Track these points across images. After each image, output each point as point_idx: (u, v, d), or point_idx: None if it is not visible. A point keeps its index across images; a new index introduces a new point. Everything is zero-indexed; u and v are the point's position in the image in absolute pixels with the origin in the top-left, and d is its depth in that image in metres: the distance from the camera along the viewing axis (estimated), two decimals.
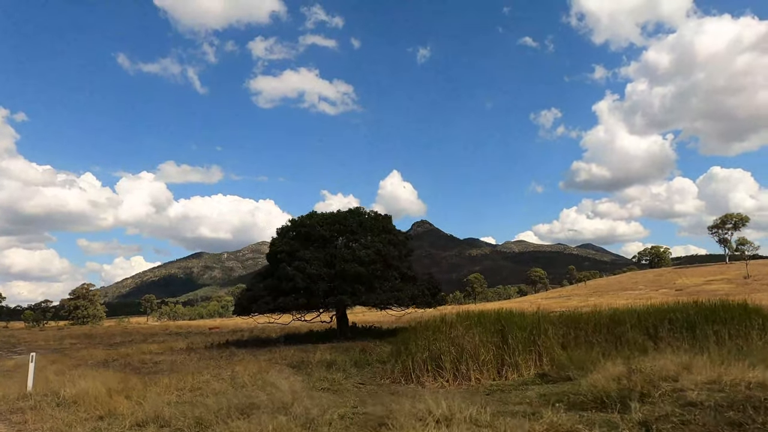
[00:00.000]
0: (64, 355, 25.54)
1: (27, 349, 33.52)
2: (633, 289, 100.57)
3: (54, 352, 28.28)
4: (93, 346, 33.21)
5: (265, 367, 14.58)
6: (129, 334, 46.21)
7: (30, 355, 13.05)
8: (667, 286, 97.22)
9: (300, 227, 26.81)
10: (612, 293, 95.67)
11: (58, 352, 28.33)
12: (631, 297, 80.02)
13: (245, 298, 27.09)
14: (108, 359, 21.70)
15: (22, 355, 28.82)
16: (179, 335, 42.65)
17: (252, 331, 39.24)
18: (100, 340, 38.78)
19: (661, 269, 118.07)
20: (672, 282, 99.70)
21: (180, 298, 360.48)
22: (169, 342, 32.07)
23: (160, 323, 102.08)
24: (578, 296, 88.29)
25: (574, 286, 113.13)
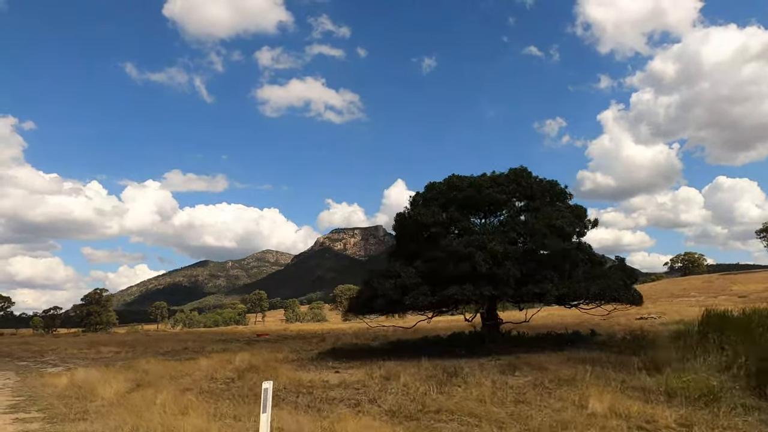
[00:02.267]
0: (128, 367, 17.50)
1: (59, 359, 25.45)
2: (685, 296, 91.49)
3: (105, 364, 20.27)
4: (143, 355, 25.19)
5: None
6: (173, 341, 38.05)
7: (263, 387, 5.09)
8: (724, 293, 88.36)
9: (452, 190, 18.86)
10: (664, 300, 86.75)
11: (109, 364, 20.33)
12: (691, 303, 70.93)
13: (372, 291, 19.08)
14: (216, 378, 13.67)
15: (60, 367, 20.87)
16: (228, 342, 34.66)
17: (356, 336, 30.96)
18: (146, 348, 30.67)
19: (707, 275, 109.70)
20: (727, 288, 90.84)
21: (185, 306, 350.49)
22: (245, 351, 24.05)
23: (181, 330, 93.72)
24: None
25: None
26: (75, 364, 21.70)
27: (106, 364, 20.26)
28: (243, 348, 26.15)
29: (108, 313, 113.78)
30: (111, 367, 18.17)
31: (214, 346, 29.74)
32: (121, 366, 18.46)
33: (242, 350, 24.52)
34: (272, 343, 31.46)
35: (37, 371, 19.36)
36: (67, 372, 16.33)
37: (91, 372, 14.41)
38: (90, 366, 19.40)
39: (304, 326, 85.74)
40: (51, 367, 21.22)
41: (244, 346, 28.79)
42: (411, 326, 22.33)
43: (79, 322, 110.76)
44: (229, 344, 31.71)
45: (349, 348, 23.95)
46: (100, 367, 17.92)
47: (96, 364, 20.50)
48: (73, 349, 31.45)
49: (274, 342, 32.85)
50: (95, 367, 18.43)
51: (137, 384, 11.95)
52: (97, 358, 25.23)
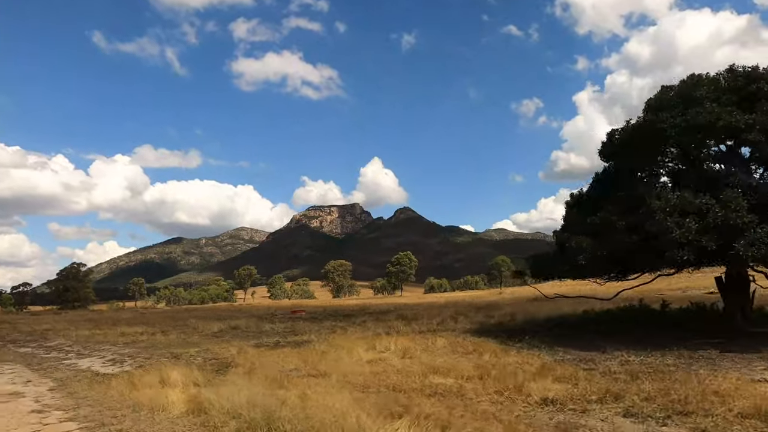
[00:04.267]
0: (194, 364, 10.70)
1: (77, 345, 18.26)
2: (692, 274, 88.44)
3: (174, 355, 13.38)
4: (204, 339, 18.34)
5: None
6: (196, 319, 30.84)
7: None
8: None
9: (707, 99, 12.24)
10: (673, 278, 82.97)
11: (178, 356, 13.44)
12: (695, 280, 66.80)
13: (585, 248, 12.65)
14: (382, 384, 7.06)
15: (96, 358, 13.85)
16: (279, 320, 27.85)
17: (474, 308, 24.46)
18: (180, 328, 23.62)
19: None
20: None
21: (158, 283, 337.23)
22: (367, 332, 17.64)
23: (174, 307, 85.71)
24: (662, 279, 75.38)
25: None
26: (115, 354, 14.66)
27: (175, 356, 13.30)
28: (344, 328, 19.50)
29: (86, 289, 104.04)
30: (160, 358, 11.37)
31: (282, 326, 22.95)
32: (174, 357, 11.63)
33: (356, 331, 18.00)
34: (330, 319, 24.87)
35: (67, 368, 12.31)
36: (143, 374, 9.45)
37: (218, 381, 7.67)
38: (160, 360, 12.48)
39: (333, 302, 78.60)
40: (79, 358, 14.12)
41: (339, 326, 22.20)
42: (611, 296, 16.18)
43: (56, 298, 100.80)
44: (293, 323, 24.95)
45: (526, 326, 17.67)
46: (186, 365, 11.08)
47: (157, 356, 13.54)
48: (82, 330, 24.04)
49: (341, 319, 26.27)
50: (173, 363, 11.56)
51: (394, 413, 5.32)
52: (131, 342, 18.11)
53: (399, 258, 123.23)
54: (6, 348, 18.75)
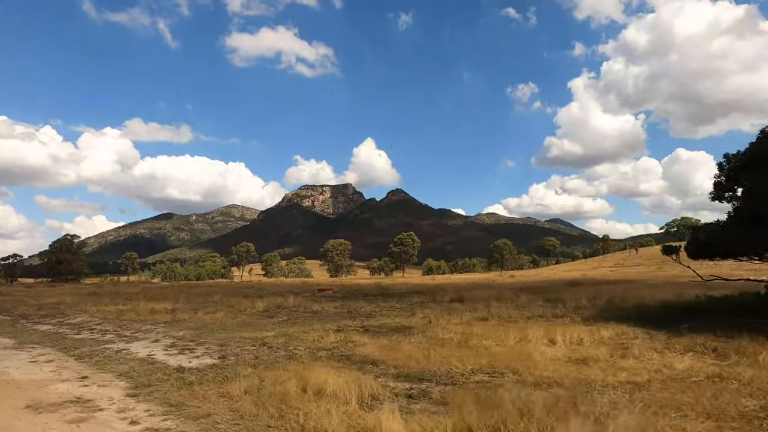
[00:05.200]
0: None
1: (107, 323, 15.23)
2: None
3: (193, 333, 10.45)
4: (254, 320, 15.44)
5: None
6: (220, 294, 27.75)
7: None
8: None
9: None
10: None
11: (198, 333, 10.53)
12: (726, 267, 64.88)
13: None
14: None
15: (136, 342, 10.80)
16: (291, 295, 24.87)
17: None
18: (209, 306, 20.64)
19: None
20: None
21: (148, 259, 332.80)
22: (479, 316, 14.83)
23: (173, 283, 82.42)
24: (663, 266, 73.79)
25: (626, 255, 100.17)
26: (169, 338, 11.72)
27: (261, 342, 10.37)
28: (412, 309, 16.62)
29: (80, 262, 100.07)
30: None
31: (332, 305, 20.02)
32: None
33: (443, 314, 15.19)
34: (403, 302, 22.05)
35: (119, 355, 9.35)
36: (277, 377, 6.55)
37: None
38: (245, 348, 9.58)
39: (348, 281, 75.49)
40: (126, 342, 11.12)
41: (399, 307, 19.38)
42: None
43: (48, 271, 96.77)
44: (344, 302, 22.05)
45: (651, 312, 14.93)
46: (326, 364, 8.13)
47: (233, 342, 10.64)
48: (103, 306, 20.87)
49: (388, 299, 23.43)
50: (286, 358, 8.64)
51: None
52: (172, 322, 15.10)
53: (402, 238, 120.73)
54: (20, 325, 15.67)
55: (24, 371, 8.08)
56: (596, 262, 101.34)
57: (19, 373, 7.89)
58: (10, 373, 7.96)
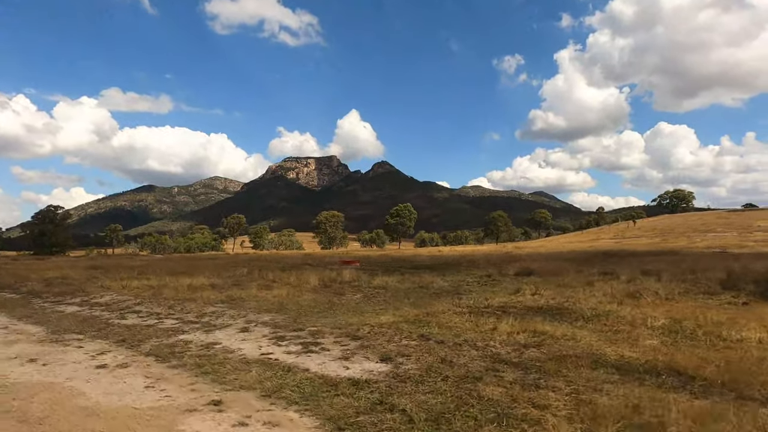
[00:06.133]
0: None
1: (149, 303, 12.28)
2: (710, 231, 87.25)
3: (283, 318, 7.62)
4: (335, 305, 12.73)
5: None
6: (233, 267, 24.65)
7: None
8: (749, 228, 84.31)
9: None
10: (691, 235, 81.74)
11: (287, 318, 7.74)
12: (728, 239, 64.57)
13: None
14: None
15: (218, 331, 7.85)
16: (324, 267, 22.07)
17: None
18: (234, 275, 17.78)
19: (718, 212, 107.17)
20: (753, 225, 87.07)
21: (130, 231, 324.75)
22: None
23: (168, 255, 78.59)
24: (667, 237, 73.15)
25: (624, 227, 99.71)
26: (262, 326, 8.97)
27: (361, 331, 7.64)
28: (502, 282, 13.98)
29: (64, 234, 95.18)
30: None
31: (394, 279, 17.31)
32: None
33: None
34: (453, 272, 19.45)
35: (209, 351, 6.55)
36: None
37: None
38: (384, 343, 6.78)
39: (393, 251, 72.47)
40: (203, 331, 8.28)
41: (474, 281, 16.81)
42: None
43: (30, 243, 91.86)
44: (416, 276, 19.31)
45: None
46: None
47: (335, 330, 7.85)
48: (127, 282, 17.77)
49: (427, 270, 20.83)
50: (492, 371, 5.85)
51: None
52: (233, 300, 12.25)
53: (399, 210, 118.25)
54: (36, 305, 12.65)
55: (102, 386, 5.23)
56: (594, 234, 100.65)
57: (99, 392, 5.04)
58: (81, 390, 5.11)
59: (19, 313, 11.29)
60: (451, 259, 34.90)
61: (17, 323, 9.97)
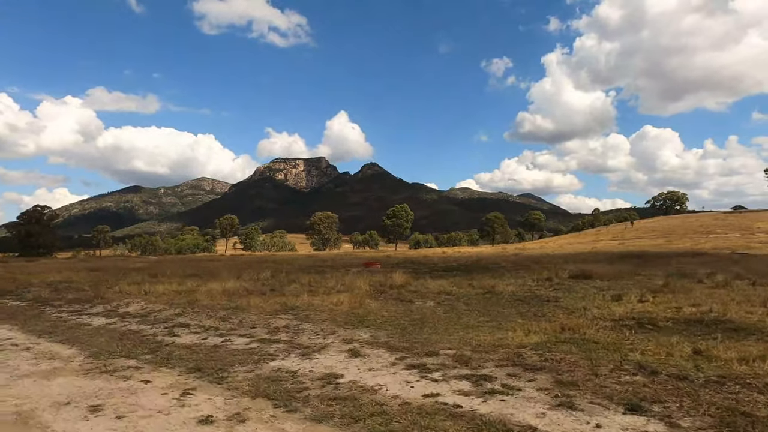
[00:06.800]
0: None
1: (192, 314, 10.13)
2: (711, 233, 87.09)
3: (385, 335, 5.63)
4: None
5: None
6: (264, 269, 22.49)
7: None
8: (750, 230, 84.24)
9: None
10: (693, 236, 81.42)
11: (390, 336, 5.76)
12: (732, 240, 64.08)
13: None
14: None
15: (320, 354, 5.77)
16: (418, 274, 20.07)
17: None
18: (257, 278, 15.72)
19: (715, 214, 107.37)
20: (753, 227, 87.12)
21: (116, 233, 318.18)
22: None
23: (161, 257, 75.52)
24: (671, 238, 72.50)
25: (622, 228, 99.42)
26: (374, 348, 7.01)
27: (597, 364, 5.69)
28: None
29: (52, 235, 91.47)
30: None
31: (445, 281, 15.40)
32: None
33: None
34: (501, 278, 17.59)
35: (338, 394, 4.55)
36: None
37: None
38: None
39: (399, 253, 70.04)
40: (297, 356, 6.32)
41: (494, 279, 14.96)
42: None
43: (16, 244, 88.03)
44: (485, 280, 17.39)
45: None
46: None
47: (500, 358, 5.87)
48: (147, 287, 15.56)
49: (457, 273, 18.96)
50: None
51: None
52: (287, 310, 10.26)
53: (395, 210, 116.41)
54: (52, 315, 10.52)
55: None
56: (592, 235, 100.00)
57: None
58: None
59: (36, 327, 9.18)
60: (470, 261, 33.11)
61: (39, 341, 7.88)
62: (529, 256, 39.23)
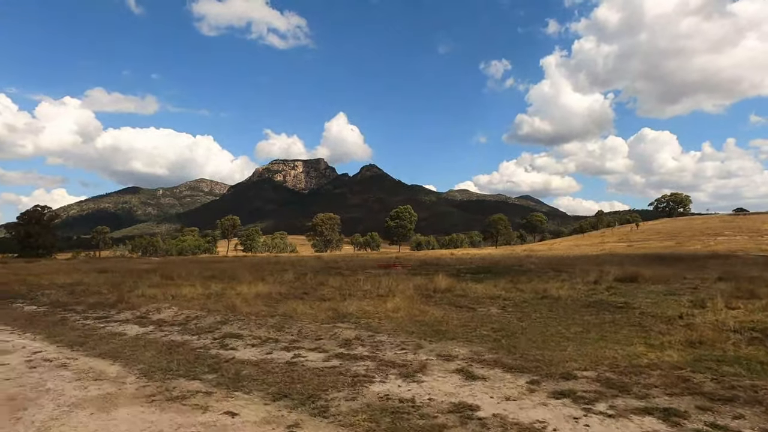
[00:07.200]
0: None
1: (239, 322, 8.93)
2: (719, 235, 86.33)
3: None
4: None
5: None
6: (297, 271, 21.34)
7: None
8: (759, 232, 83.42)
9: None
10: (701, 238, 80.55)
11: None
12: (742, 242, 63.22)
13: None
14: None
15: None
16: (454, 275, 18.95)
17: None
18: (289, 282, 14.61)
19: (721, 216, 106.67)
20: (762, 228, 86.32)
21: (114, 234, 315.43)
22: None
23: (165, 258, 74.22)
24: (681, 240, 71.64)
25: (627, 230, 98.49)
26: (525, 376, 5.84)
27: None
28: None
29: (51, 235, 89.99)
30: None
31: (505, 286, 14.30)
32: None
33: None
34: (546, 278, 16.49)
35: None
36: None
37: None
38: None
39: (406, 254, 68.86)
40: (398, 377, 5.19)
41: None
42: None
43: (15, 245, 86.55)
44: (504, 282, 16.29)
45: None
46: None
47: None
48: (169, 290, 14.39)
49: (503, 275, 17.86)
50: None
51: None
52: (343, 318, 9.15)
53: (399, 212, 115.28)
54: (73, 323, 9.39)
55: None
56: (597, 237, 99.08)
57: None
58: None
59: (64, 337, 8.05)
60: (488, 262, 32.01)
61: (74, 355, 6.75)
62: (545, 257, 38.11)
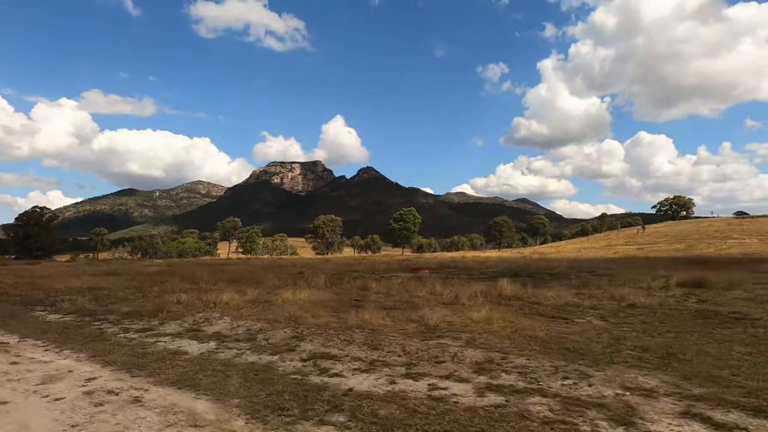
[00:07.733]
0: None
1: (385, 346, 7.38)
2: (729, 238, 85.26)
3: None
4: None
5: None
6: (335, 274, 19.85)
7: None
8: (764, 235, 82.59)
9: None
10: (711, 241, 79.47)
11: None
12: (755, 245, 62.03)
13: None
14: None
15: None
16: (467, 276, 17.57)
17: None
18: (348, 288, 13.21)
19: (727, 219, 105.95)
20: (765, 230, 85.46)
21: (110, 236, 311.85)
22: None
23: (166, 261, 72.46)
24: (690, 242, 70.49)
25: (633, 232, 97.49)
26: None
27: None
28: None
29: (51, 237, 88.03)
30: None
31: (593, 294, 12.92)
32: None
33: None
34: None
35: None
36: None
37: None
38: None
39: (430, 255, 67.12)
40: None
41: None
42: None
43: (14, 246, 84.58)
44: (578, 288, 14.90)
45: None
46: None
47: None
48: (216, 294, 12.90)
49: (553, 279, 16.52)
50: None
51: None
52: (429, 332, 7.74)
53: (402, 214, 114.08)
54: (114, 338, 7.94)
55: None
56: (603, 239, 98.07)
57: None
58: None
59: (113, 357, 6.60)
60: (512, 265, 30.63)
61: (141, 384, 5.31)
62: (563, 260, 36.67)
